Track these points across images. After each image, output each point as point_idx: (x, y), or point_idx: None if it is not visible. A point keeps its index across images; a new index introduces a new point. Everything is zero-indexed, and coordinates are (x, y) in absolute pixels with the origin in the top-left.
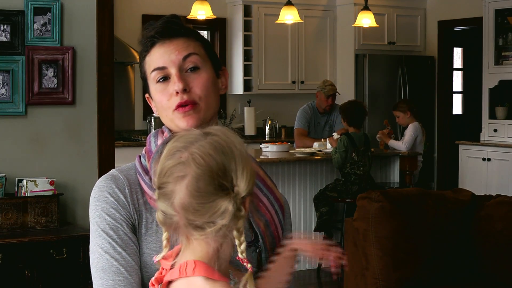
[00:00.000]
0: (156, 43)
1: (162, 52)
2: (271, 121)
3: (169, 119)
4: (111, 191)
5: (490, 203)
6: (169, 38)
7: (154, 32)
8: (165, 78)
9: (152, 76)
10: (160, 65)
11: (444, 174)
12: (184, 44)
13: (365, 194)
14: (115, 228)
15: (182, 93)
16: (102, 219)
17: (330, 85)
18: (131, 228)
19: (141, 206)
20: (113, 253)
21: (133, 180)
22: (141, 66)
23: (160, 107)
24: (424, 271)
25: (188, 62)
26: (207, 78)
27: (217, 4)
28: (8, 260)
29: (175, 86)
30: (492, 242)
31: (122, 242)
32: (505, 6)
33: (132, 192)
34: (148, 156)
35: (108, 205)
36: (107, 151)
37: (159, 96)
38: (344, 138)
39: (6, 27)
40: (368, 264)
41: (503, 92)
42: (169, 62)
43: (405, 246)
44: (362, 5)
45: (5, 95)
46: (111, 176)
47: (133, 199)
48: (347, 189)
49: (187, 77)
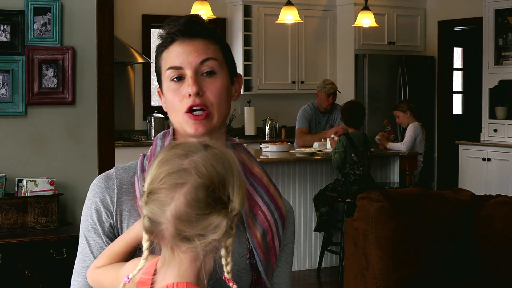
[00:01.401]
0: (176, 40)
1: (180, 51)
2: (271, 121)
3: (177, 121)
4: (98, 191)
5: (490, 203)
6: (190, 37)
7: (176, 29)
8: (180, 78)
9: (167, 73)
10: (177, 64)
11: (444, 174)
12: (204, 47)
13: (365, 194)
14: (92, 230)
15: (195, 97)
16: (85, 219)
17: (330, 84)
18: (109, 230)
19: (129, 207)
20: (85, 255)
21: (128, 179)
22: (157, 60)
23: (171, 106)
24: (424, 271)
25: (205, 66)
26: (222, 84)
27: (217, 4)
28: (8, 260)
29: (189, 89)
30: (492, 242)
31: (94, 245)
32: (505, 6)
33: (121, 193)
34: (150, 159)
35: (92, 206)
36: (107, 151)
37: (171, 96)
38: (343, 138)
39: (6, 27)
40: (368, 264)
41: (503, 92)
42: (186, 63)
43: (405, 246)
44: (362, 5)
45: (5, 95)
46: (105, 175)
47: (120, 200)
48: (347, 189)
49: (202, 81)
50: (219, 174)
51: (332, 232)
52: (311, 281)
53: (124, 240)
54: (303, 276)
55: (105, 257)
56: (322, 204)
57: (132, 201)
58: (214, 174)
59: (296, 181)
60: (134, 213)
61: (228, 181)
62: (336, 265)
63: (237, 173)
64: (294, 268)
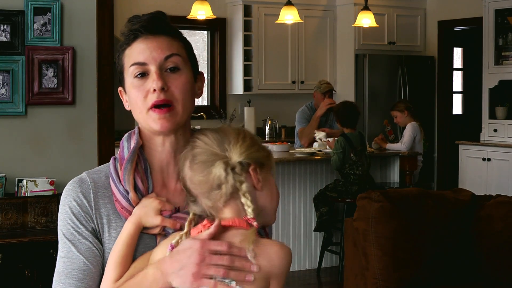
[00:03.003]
0: (139, 37)
1: (144, 47)
2: (271, 121)
3: (142, 118)
4: (75, 195)
5: (490, 203)
6: (153, 34)
7: (139, 25)
8: (143, 74)
9: (131, 70)
10: (141, 60)
11: (444, 174)
12: (168, 43)
13: (365, 194)
14: (75, 233)
15: (160, 92)
16: (65, 223)
17: (325, 83)
18: (93, 233)
19: (108, 211)
20: (71, 257)
21: (101, 183)
22: (119, 58)
23: (134, 103)
24: (424, 271)
25: (169, 62)
26: (186, 80)
27: (217, 4)
28: (8, 260)
29: (154, 84)
30: (492, 242)
31: (82, 246)
32: (505, 6)
33: (97, 197)
34: (121, 163)
35: (70, 210)
36: (107, 151)
37: (135, 92)
38: (341, 139)
39: (6, 27)
40: (368, 264)
41: (503, 92)
42: (150, 58)
43: (405, 246)
44: (362, 5)
45: (5, 95)
46: (78, 180)
47: (97, 204)
48: (347, 189)
49: (166, 77)
50: (213, 138)
51: (332, 232)
52: (311, 281)
53: (123, 243)
54: (303, 276)
55: (115, 267)
56: (322, 204)
57: (109, 204)
58: (206, 139)
59: (296, 181)
60: (113, 216)
61: (222, 140)
62: (336, 265)
63: (234, 134)
64: (294, 268)
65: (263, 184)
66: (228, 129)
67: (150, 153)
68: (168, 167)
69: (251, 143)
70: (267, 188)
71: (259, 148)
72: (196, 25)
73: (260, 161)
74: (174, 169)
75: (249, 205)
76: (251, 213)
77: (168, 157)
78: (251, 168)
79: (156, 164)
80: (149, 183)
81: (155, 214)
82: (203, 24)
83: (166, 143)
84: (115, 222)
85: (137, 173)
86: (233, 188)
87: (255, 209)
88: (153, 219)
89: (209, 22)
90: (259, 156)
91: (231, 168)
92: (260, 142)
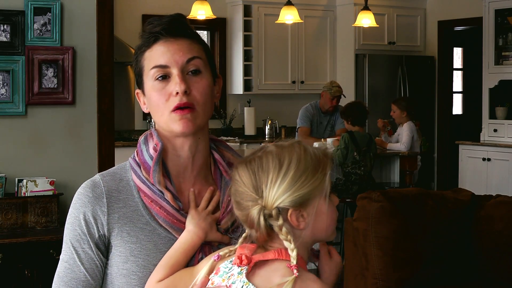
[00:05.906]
0: (159, 39)
1: (164, 50)
2: (271, 121)
3: (163, 121)
4: (86, 201)
5: (490, 203)
6: (174, 36)
7: (160, 28)
8: (165, 77)
9: (152, 73)
10: (162, 63)
11: (444, 174)
12: (189, 46)
13: (365, 194)
14: (81, 241)
15: (183, 95)
16: (73, 228)
17: (337, 87)
18: (98, 243)
19: (121, 214)
20: (73, 264)
21: (115, 187)
22: (138, 60)
23: (155, 106)
24: (424, 271)
25: (191, 65)
26: (207, 84)
27: (217, 4)
28: (8, 260)
29: (177, 87)
30: (492, 242)
31: (84, 256)
32: (505, 6)
33: (111, 201)
34: (144, 167)
35: (80, 216)
36: (107, 151)
37: (156, 95)
38: (346, 135)
39: (6, 27)
40: (368, 264)
41: (503, 92)
42: (172, 61)
43: (405, 246)
44: (362, 5)
45: (5, 95)
46: (91, 183)
47: (110, 209)
48: (347, 189)
49: (188, 80)
50: (250, 179)
51: None
52: None
53: (182, 250)
54: None
55: (165, 268)
56: None
57: (123, 209)
58: (245, 178)
59: None
60: (126, 220)
61: (260, 180)
62: None
63: (276, 168)
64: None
65: (309, 220)
66: (270, 158)
67: (168, 157)
68: (185, 172)
69: (293, 179)
70: (319, 218)
71: (304, 183)
72: (196, 25)
73: (303, 199)
74: (191, 174)
75: (292, 249)
76: (294, 257)
77: (186, 162)
78: (289, 213)
79: (173, 169)
80: (173, 186)
81: (215, 229)
82: (203, 24)
83: (185, 147)
84: (128, 226)
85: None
86: (271, 231)
87: (297, 249)
88: (213, 234)
89: (209, 22)
90: (302, 194)
91: (268, 215)
92: (312, 166)
